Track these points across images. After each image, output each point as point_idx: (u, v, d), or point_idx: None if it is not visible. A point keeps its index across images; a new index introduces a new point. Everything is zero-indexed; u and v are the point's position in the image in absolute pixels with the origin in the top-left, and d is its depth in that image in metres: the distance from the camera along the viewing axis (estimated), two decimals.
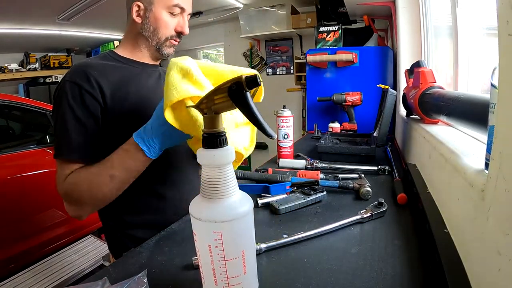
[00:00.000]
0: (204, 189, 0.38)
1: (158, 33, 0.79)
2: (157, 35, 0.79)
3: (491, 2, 0.75)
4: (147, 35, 0.79)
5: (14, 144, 2.05)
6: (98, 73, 0.71)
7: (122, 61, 0.81)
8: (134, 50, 0.83)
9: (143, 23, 0.78)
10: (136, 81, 0.79)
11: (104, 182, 0.64)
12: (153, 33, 0.79)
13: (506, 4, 0.31)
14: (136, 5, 0.77)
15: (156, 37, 0.79)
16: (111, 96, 0.72)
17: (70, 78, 0.69)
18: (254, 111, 0.39)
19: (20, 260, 1.80)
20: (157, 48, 0.81)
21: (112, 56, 0.81)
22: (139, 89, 0.78)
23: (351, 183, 0.82)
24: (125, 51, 0.83)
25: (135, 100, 0.76)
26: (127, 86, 0.76)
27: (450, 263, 0.42)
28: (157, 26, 0.78)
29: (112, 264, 0.54)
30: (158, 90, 0.83)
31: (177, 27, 0.80)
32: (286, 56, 3.67)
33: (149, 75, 0.84)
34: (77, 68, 0.71)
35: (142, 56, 0.84)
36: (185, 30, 0.81)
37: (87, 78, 0.69)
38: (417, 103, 0.98)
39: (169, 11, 0.78)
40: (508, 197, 0.31)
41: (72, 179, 0.66)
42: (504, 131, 0.34)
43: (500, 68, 0.35)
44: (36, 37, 3.29)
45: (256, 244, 0.51)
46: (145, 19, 0.78)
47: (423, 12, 1.53)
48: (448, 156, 0.58)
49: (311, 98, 1.99)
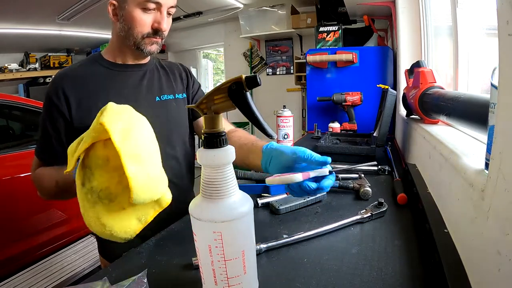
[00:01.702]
0: (204, 189, 0.38)
1: (133, 32, 0.73)
2: (132, 34, 0.74)
3: (491, 2, 0.75)
4: (124, 35, 0.75)
5: (14, 144, 2.05)
6: (70, 84, 0.73)
7: (104, 65, 0.79)
8: (116, 52, 0.80)
9: (119, 22, 0.74)
10: (109, 88, 0.76)
11: (51, 185, 0.71)
12: (128, 32, 0.74)
13: (506, 4, 0.31)
14: (111, 4, 0.73)
15: (132, 36, 0.74)
16: (77, 108, 0.73)
17: (47, 90, 0.75)
18: (254, 111, 0.39)
19: (20, 260, 1.80)
20: (137, 47, 0.76)
21: (97, 60, 0.79)
22: (110, 97, 0.74)
23: (351, 183, 0.82)
24: (110, 53, 0.80)
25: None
26: (97, 94, 0.74)
27: (450, 263, 0.42)
28: (131, 24, 0.73)
29: (112, 264, 0.54)
30: (136, 94, 0.79)
31: (153, 23, 0.74)
32: (286, 56, 3.67)
33: (128, 78, 0.80)
34: (52, 80, 0.75)
35: (125, 57, 0.80)
36: (163, 26, 0.74)
37: (56, 91, 0.73)
38: (417, 103, 0.98)
39: (142, 7, 0.72)
40: (508, 197, 0.31)
41: (36, 174, 0.77)
42: (504, 131, 0.34)
43: (500, 68, 0.35)
44: (36, 37, 3.29)
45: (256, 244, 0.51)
46: (120, 18, 0.74)
47: (423, 12, 1.53)
48: (448, 156, 0.58)
49: (311, 98, 1.99)
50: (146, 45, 0.76)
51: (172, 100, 0.85)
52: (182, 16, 3.50)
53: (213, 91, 0.39)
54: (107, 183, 0.53)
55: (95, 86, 0.75)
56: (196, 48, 4.31)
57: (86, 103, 0.73)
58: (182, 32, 4.14)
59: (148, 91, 0.82)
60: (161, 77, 0.86)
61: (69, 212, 2.03)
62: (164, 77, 0.87)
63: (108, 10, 0.74)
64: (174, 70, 0.91)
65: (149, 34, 0.75)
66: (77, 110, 0.73)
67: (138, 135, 0.51)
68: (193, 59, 4.35)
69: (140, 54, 0.79)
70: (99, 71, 0.78)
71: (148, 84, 0.83)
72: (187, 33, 4.13)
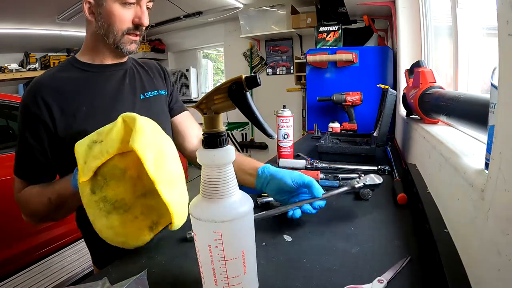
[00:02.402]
0: (204, 189, 0.38)
1: (113, 28, 0.71)
2: (112, 31, 0.71)
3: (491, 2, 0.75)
4: (103, 33, 0.72)
5: (14, 144, 2.04)
6: (48, 91, 0.69)
7: (81, 67, 0.75)
8: (93, 53, 0.76)
9: (97, 21, 0.71)
10: (91, 91, 0.74)
11: (42, 203, 0.67)
12: (107, 30, 0.71)
13: (506, 4, 0.31)
14: (87, 2, 0.70)
15: (112, 33, 0.71)
16: (60, 112, 0.69)
17: (23, 100, 0.70)
18: (254, 111, 0.39)
19: (20, 260, 1.80)
20: (116, 46, 0.73)
21: (72, 64, 0.76)
22: (93, 99, 0.73)
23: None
24: (85, 55, 0.77)
25: (88, 111, 0.71)
26: (79, 99, 0.71)
27: (450, 263, 0.42)
28: (111, 21, 0.70)
29: (112, 264, 0.54)
30: (118, 94, 0.77)
31: (134, 18, 0.72)
32: (286, 56, 3.67)
33: (109, 79, 0.77)
34: (28, 89, 0.70)
35: (103, 57, 0.77)
36: (143, 21, 0.72)
37: (35, 100, 0.68)
38: (417, 103, 0.98)
39: (122, 2, 0.69)
40: (508, 197, 0.31)
41: (22, 196, 0.71)
42: (504, 131, 0.34)
43: (500, 68, 0.35)
44: (36, 37, 3.29)
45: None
46: (98, 16, 0.70)
47: (423, 12, 1.53)
48: (448, 156, 0.58)
49: (311, 98, 1.99)
50: (125, 44, 0.74)
51: (157, 97, 0.84)
52: (182, 16, 3.50)
53: (213, 91, 0.39)
54: (123, 194, 0.54)
55: (75, 90, 0.72)
56: (196, 48, 4.30)
57: (68, 109, 0.70)
58: (182, 32, 4.14)
59: (131, 89, 0.80)
60: (141, 75, 0.85)
61: None
62: (144, 75, 0.85)
63: (83, 8, 0.71)
64: (152, 68, 0.89)
65: (129, 30, 0.72)
66: (61, 118, 0.69)
67: (169, 160, 0.51)
68: (193, 59, 4.35)
69: (119, 54, 0.77)
70: (77, 74, 0.74)
71: (130, 83, 0.81)
72: (187, 33, 4.13)
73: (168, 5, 3.03)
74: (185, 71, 4.10)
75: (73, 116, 0.70)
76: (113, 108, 0.74)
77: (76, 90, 0.72)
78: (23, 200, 0.71)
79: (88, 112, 0.71)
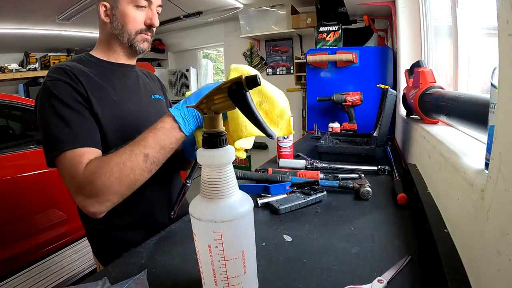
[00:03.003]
0: (204, 189, 0.38)
1: (127, 28, 0.77)
2: (127, 30, 0.78)
3: (491, 2, 0.75)
4: (117, 33, 0.78)
5: (14, 144, 2.05)
6: (77, 70, 0.70)
7: (97, 63, 0.79)
8: (108, 51, 0.82)
9: (112, 22, 0.77)
10: (111, 84, 0.77)
11: (137, 163, 0.59)
12: (122, 30, 0.77)
13: (506, 4, 0.31)
14: (103, 5, 0.77)
15: (126, 33, 0.78)
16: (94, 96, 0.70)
17: (52, 77, 0.67)
18: (254, 111, 0.39)
19: (20, 260, 1.80)
20: (130, 45, 0.79)
21: (89, 59, 0.79)
22: (115, 92, 0.77)
23: (351, 183, 0.82)
24: (101, 53, 0.82)
25: (111, 103, 0.74)
26: (102, 89, 0.74)
27: (450, 263, 0.42)
28: (125, 21, 0.77)
29: (112, 264, 0.54)
30: (138, 91, 0.84)
31: (146, 20, 0.79)
32: (286, 56, 3.66)
33: (126, 76, 0.83)
34: (55, 68, 0.70)
35: (117, 56, 0.83)
36: (155, 22, 0.79)
37: (68, 74, 0.68)
38: (417, 103, 0.98)
39: (135, 5, 0.76)
40: (508, 197, 0.31)
41: (95, 166, 0.59)
42: (504, 131, 0.34)
43: (500, 68, 0.35)
44: (36, 37, 3.28)
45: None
46: (113, 17, 0.77)
47: (423, 12, 1.53)
48: (448, 156, 0.58)
49: (311, 98, 1.99)
50: (138, 43, 0.80)
51: (159, 100, 0.92)
52: (182, 16, 3.50)
53: (213, 91, 0.39)
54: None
55: (97, 80, 0.74)
56: (196, 48, 4.30)
57: (97, 92, 0.71)
58: (182, 32, 4.14)
59: (145, 89, 0.87)
60: (147, 79, 0.93)
61: (69, 212, 2.03)
62: (150, 80, 0.94)
63: (98, 12, 0.77)
64: (152, 76, 0.98)
65: (142, 30, 0.79)
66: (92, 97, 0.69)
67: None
68: (193, 59, 4.34)
69: (132, 53, 0.83)
70: (95, 67, 0.77)
71: (143, 83, 0.88)
72: (187, 33, 4.12)
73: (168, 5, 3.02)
74: (185, 71, 4.10)
75: (103, 99, 0.72)
76: (135, 101, 0.81)
77: (98, 81, 0.74)
78: (98, 171, 0.59)
79: (118, 100, 0.76)
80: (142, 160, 0.59)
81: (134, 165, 0.58)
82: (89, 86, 0.70)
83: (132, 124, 0.76)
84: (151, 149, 0.59)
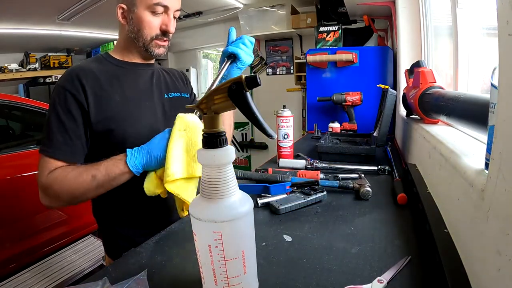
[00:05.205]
0: (204, 189, 0.38)
1: (143, 33, 0.78)
2: (142, 35, 0.78)
3: (491, 2, 0.75)
4: (133, 36, 0.79)
5: (14, 144, 2.05)
6: (86, 75, 0.74)
7: (114, 63, 0.82)
8: (125, 52, 0.84)
9: (128, 25, 0.79)
10: (123, 83, 0.80)
11: (85, 181, 0.68)
12: (137, 34, 0.78)
13: (506, 4, 0.31)
14: (120, 7, 0.78)
15: (141, 37, 0.79)
16: (94, 96, 0.73)
17: (59, 83, 0.74)
18: (254, 111, 0.39)
19: (20, 260, 1.80)
20: (145, 49, 0.81)
21: (106, 58, 0.83)
22: (125, 90, 0.79)
23: (351, 183, 0.82)
24: (118, 53, 0.84)
25: (120, 101, 0.77)
26: (112, 88, 0.77)
27: (450, 263, 0.42)
28: (141, 26, 0.77)
29: (112, 264, 0.54)
30: (148, 90, 0.85)
31: (161, 26, 0.79)
32: (286, 56, 3.67)
33: (139, 75, 0.85)
34: (66, 73, 0.75)
35: (133, 57, 0.85)
36: (170, 29, 0.79)
37: (72, 81, 0.72)
38: (417, 103, 0.98)
39: (151, 11, 0.76)
40: (508, 197, 0.31)
41: (55, 175, 0.69)
42: (504, 131, 0.34)
43: (500, 68, 0.35)
44: (36, 37, 3.28)
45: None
46: (129, 21, 0.78)
47: (423, 12, 1.53)
48: (448, 156, 0.58)
49: (311, 98, 1.99)
50: (154, 48, 0.81)
51: (178, 98, 0.91)
52: (182, 16, 3.49)
53: (213, 91, 0.39)
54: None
55: (109, 80, 0.77)
56: (196, 48, 4.30)
57: (102, 95, 0.74)
58: (182, 32, 4.13)
59: (158, 88, 0.88)
60: (166, 78, 0.93)
61: (69, 212, 2.03)
62: (168, 78, 0.94)
63: (117, 13, 0.78)
64: (174, 73, 0.98)
65: (157, 36, 0.79)
66: (94, 102, 0.73)
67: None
68: (193, 59, 4.34)
69: (147, 56, 0.84)
70: (110, 67, 0.81)
71: (157, 82, 0.88)
72: (187, 33, 4.12)
73: None
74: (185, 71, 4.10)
75: (106, 102, 0.75)
76: (143, 101, 0.82)
77: (109, 80, 0.78)
78: (56, 179, 0.69)
79: (121, 100, 0.77)
80: (90, 180, 0.68)
81: (82, 182, 0.68)
82: (94, 90, 0.74)
83: (133, 124, 0.77)
84: (99, 173, 0.68)
